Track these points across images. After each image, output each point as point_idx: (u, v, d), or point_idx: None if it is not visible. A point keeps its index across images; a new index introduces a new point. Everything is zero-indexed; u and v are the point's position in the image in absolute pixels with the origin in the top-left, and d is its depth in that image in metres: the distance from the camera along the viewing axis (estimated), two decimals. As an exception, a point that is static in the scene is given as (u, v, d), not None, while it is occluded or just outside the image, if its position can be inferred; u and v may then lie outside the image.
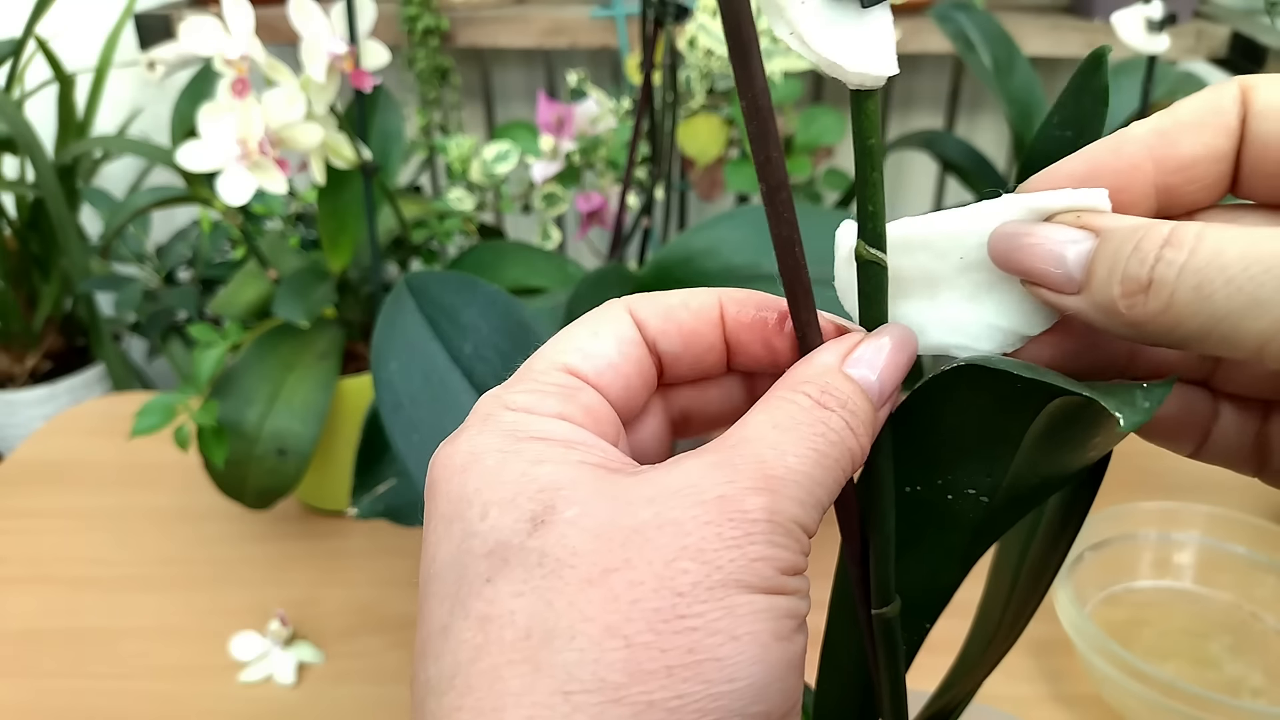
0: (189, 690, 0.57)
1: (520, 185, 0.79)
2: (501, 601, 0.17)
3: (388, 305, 0.39)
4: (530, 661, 0.17)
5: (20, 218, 1.30)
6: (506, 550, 0.18)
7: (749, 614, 0.17)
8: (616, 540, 0.17)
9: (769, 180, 0.20)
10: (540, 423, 0.20)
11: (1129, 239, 0.18)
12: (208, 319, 0.89)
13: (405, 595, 0.64)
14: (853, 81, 0.19)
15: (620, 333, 0.22)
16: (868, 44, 0.19)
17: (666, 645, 0.17)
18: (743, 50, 0.18)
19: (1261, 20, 1.16)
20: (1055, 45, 1.18)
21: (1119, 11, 0.66)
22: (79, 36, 1.35)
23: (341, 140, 0.59)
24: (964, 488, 0.23)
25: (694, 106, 1.04)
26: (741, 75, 0.18)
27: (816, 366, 0.20)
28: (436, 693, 0.18)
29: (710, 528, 0.17)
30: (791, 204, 0.20)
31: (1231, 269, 0.17)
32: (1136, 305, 0.18)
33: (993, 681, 0.29)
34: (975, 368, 0.20)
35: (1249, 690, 0.54)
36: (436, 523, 0.19)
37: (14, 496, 0.75)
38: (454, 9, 1.25)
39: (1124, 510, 0.60)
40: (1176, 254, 0.17)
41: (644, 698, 0.16)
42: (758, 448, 0.19)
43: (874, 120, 0.20)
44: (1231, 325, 0.17)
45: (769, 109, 0.19)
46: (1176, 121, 0.20)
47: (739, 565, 0.17)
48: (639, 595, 0.17)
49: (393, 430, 0.36)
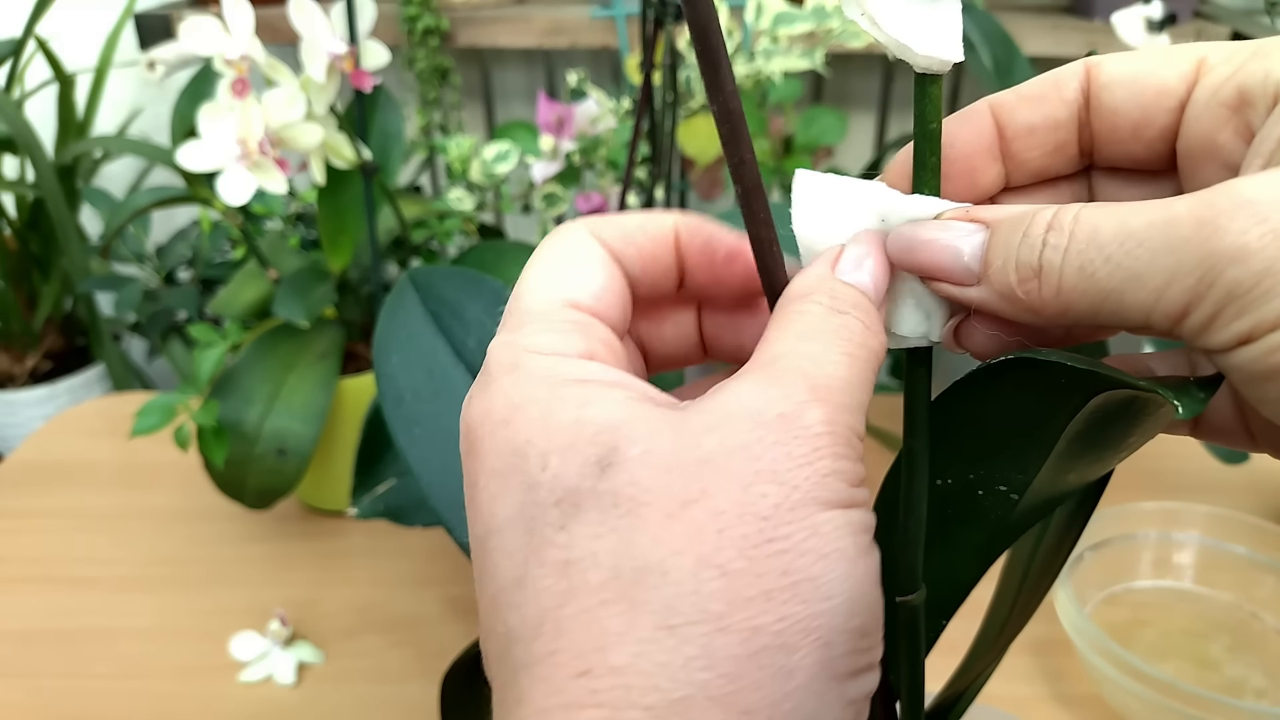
0: (189, 690, 0.57)
1: (520, 185, 0.79)
2: (580, 545, 0.17)
3: (390, 299, 0.39)
4: (625, 599, 0.17)
5: (20, 218, 1.30)
6: (577, 496, 0.18)
7: (832, 531, 0.17)
8: (688, 473, 0.17)
9: (744, 182, 0.20)
10: (573, 365, 0.20)
11: (1017, 227, 0.19)
12: (208, 319, 0.89)
13: (405, 595, 0.64)
14: (920, 64, 0.20)
15: (597, 256, 0.22)
16: (937, 28, 0.20)
17: (761, 570, 0.17)
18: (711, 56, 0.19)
19: (1261, 20, 1.16)
20: (1055, 45, 1.18)
21: (1119, 11, 0.66)
22: (79, 36, 1.35)
23: (341, 140, 0.59)
24: (996, 484, 0.23)
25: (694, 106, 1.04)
26: (710, 80, 0.19)
27: (813, 278, 0.21)
28: (523, 640, 0.18)
29: (779, 448, 0.17)
30: (767, 205, 0.20)
31: (1109, 247, 0.18)
32: (1032, 291, 0.19)
33: (993, 681, 0.29)
34: (1023, 361, 0.20)
35: (1249, 691, 0.54)
36: (487, 479, 0.19)
37: (14, 496, 0.75)
38: (454, 9, 1.25)
39: (1124, 510, 0.60)
40: (1059, 238, 0.18)
41: (748, 624, 0.17)
42: (795, 360, 0.19)
43: (937, 104, 0.21)
44: (1117, 300, 0.18)
45: (740, 112, 0.19)
46: (1018, 95, 0.22)
47: (813, 482, 0.17)
48: (724, 524, 0.17)
49: (394, 425, 0.36)
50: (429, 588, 0.64)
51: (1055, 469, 0.22)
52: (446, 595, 0.64)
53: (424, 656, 0.59)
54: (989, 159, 0.23)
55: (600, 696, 0.16)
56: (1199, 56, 0.21)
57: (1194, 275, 0.17)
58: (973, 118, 0.22)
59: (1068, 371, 0.19)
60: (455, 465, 0.35)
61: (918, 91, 0.20)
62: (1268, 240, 0.16)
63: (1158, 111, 0.21)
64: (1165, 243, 0.17)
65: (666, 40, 0.66)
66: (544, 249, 0.22)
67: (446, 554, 0.67)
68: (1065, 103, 0.22)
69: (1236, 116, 0.20)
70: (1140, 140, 0.21)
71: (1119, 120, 0.21)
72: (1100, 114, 0.22)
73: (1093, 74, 0.22)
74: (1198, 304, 0.17)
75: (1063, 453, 0.21)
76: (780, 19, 0.78)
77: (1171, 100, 0.21)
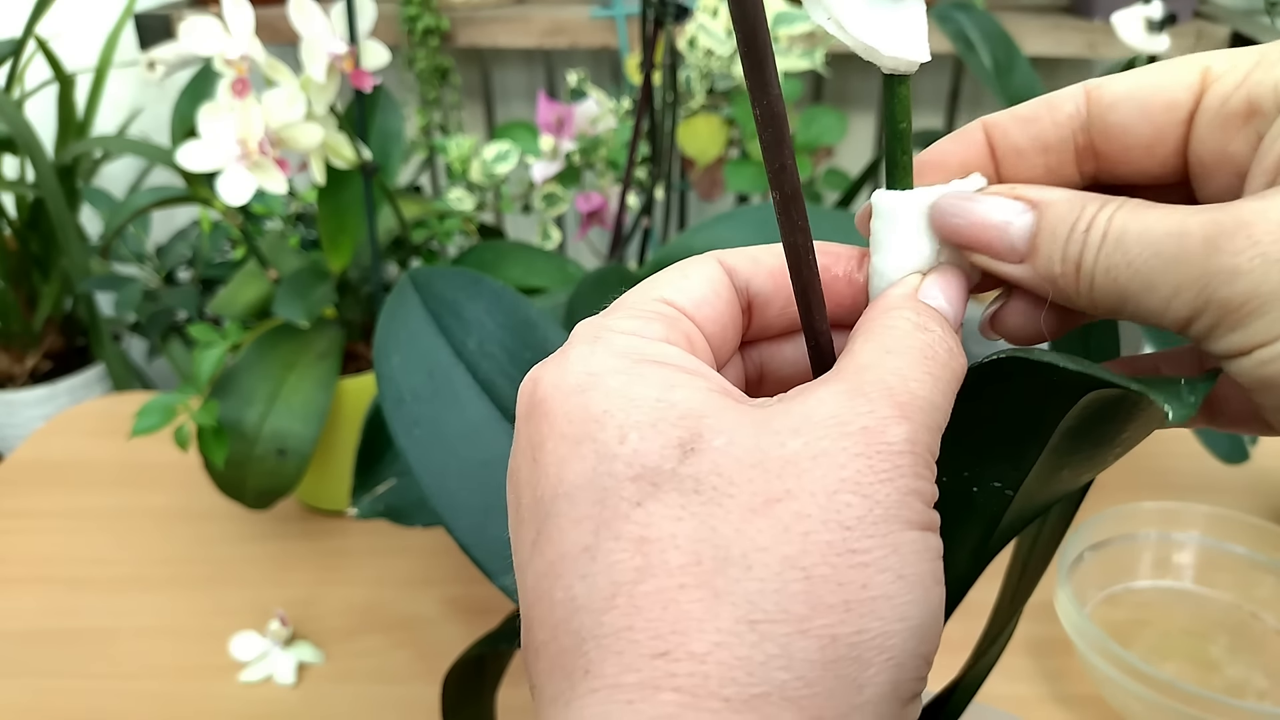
0: (189, 690, 0.57)
1: (520, 185, 0.79)
2: (659, 525, 0.17)
3: (391, 300, 0.39)
4: (707, 587, 0.17)
5: (20, 218, 1.30)
6: (657, 475, 0.18)
7: (913, 553, 0.17)
8: (771, 471, 0.17)
9: (782, 188, 0.20)
10: (654, 346, 0.20)
11: (1066, 218, 0.20)
12: (208, 319, 0.89)
13: (405, 595, 0.64)
14: (887, 66, 0.20)
15: (710, 274, 0.22)
16: (902, 30, 0.20)
17: (843, 579, 0.17)
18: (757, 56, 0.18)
19: (1261, 20, 1.16)
20: (1055, 45, 1.18)
21: (1119, 11, 0.66)
22: (79, 36, 1.35)
23: (341, 140, 0.59)
24: (990, 480, 0.23)
25: (694, 106, 1.04)
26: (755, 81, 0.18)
27: (898, 297, 0.21)
28: (591, 610, 0.17)
29: (861, 460, 0.17)
30: (805, 212, 0.20)
31: (1131, 252, 0.19)
32: (1070, 283, 0.20)
33: (993, 681, 0.29)
34: (1016, 360, 0.20)
35: (1250, 691, 0.54)
36: (557, 443, 0.19)
37: (14, 496, 0.75)
38: (454, 9, 1.25)
39: (1124, 510, 0.60)
40: (1095, 237, 0.20)
41: (827, 631, 0.17)
42: (880, 374, 0.19)
43: (905, 104, 0.21)
44: (1135, 301, 0.19)
45: (783, 116, 0.19)
46: (1013, 115, 0.22)
47: (894, 500, 0.17)
48: (809, 528, 0.17)
49: (394, 425, 0.36)
50: (429, 588, 0.65)
51: (1049, 465, 0.22)
52: (446, 595, 0.64)
53: (424, 656, 0.59)
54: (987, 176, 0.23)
55: (678, 681, 0.16)
56: (1202, 66, 0.21)
57: (1194, 289, 0.18)
58: (966, 138, 0.23)
59: (1060, 372, 0.19)
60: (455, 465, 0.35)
61: (886, 92, 0.21)
62: (1257, 263, 0.17)
63: (1169, 125, 0.21)
64: (1176, 255, 0.18)
65: (666, 40, 0.66)
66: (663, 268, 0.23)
67: (446, 554, 0.67)
68: (1056, 125, 0.22)
69: (1248, 126, 0.20)
70: (1154, 157, 0.22)
71: (1130, 139, 0.21)
72: (1108, 135, 0.22)
73: (1094, 96, 0.22)
74: (1199, 316, 0.18)
75: (1056, 448, 0.21)
76: (780, 19, 0.78)
77: (1181, 113, 0.21)
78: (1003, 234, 0.21)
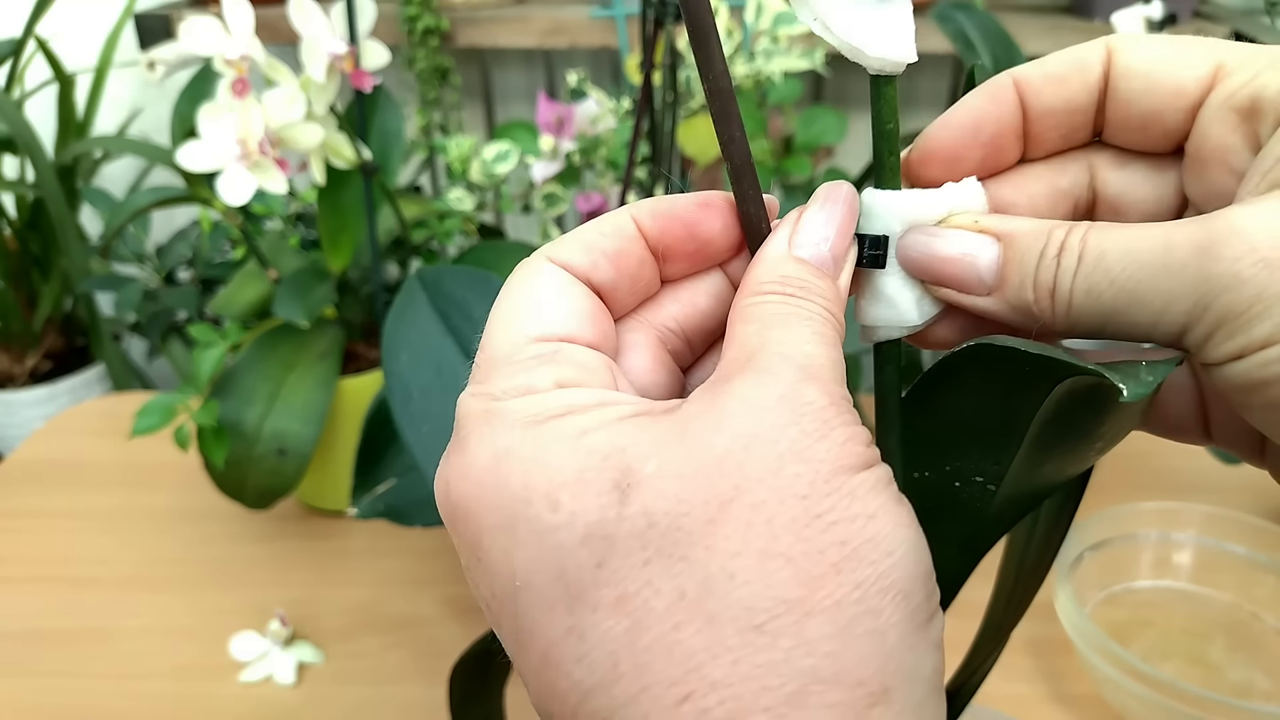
0: (189, 690, 0.57)
1: (520, 185, 0.79)
2: (630, 577, 0.17)
3: (399, 299, 0.39)
4: (701, 616, 0.17)
5: (20, 218, 1.30)
6: (604, 528, 0.17)
7: (868, 491, 0.18)
8: (712, 474, 0.17)
9: (733, 159, 0.20)
10: (551, 399, 0.19)
11: (1034, 246, 0.20)
12: (208, 319, 0.89)
13: (405, 595, 0.64)
14: (873, 66, 0.20)
15: (558, 282, 0.21)
16: (888, 30, 0.20)
17: (820, 546, 0.17)
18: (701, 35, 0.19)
19: (1261, 20, 1.16)
20: (1055, 45, 1.17)
21: (1119, 11, 0.66)
22: (79, 36, 1.35)
23: (341, 140, 0.59)
24: (972, 475, 0.23)
25: (694, 106, 1.04)
26: (701, 58, 0.19)
27: (768, 261, 0.21)
28: (601, 688, 0.17)
29: (791, 428, 0.18)
30: (757, 182, 0.21)
31: (1114, 271, 0.19)
32: (1045, 309, 0.20)
33: (993, 681, 0.29)
34: (984, 349, 0.20)
35: (1249, 690, 0.54)
36: (492, 536, 0.18)
37: (14, 496, 0.75)
38: (454, 9, 1.25)
39: (1124, 510, 0.60)
40: (1070, 260, 0.20)
41: (828, 600, 0.17)
42: (773, 348, 0.19)
43: (892, 105, 0.21)
44: (1120, 318, 0.19)
45: (729, 90, 0.20)
46: (1044, 74, 0.22)
47: (834, 452, 0.18)
48: (770, 513, 0.17)
49: (402, 422, 0.36)
50: (429, 588, 0.65)
51: (1029, 459, 0.22)
52: (446, 595, 0.64)
53: (423, 656, 0.59)
54: (1014, 139, 0.23)
55: (713, 714, 0.16)
56: (1217, 61, 0.21)
57: (1190, 299, 0.18)
58: (1001, 97, 0.22)
59: (1026, 358, 0.19)
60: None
61: (873, 92, 0.21)
62: (1258, 269, 0.18)
63: (1170, 111, 0.21)
64: (1165, 267, 0.18)
65: (666, 40, 0.66)
66: (503, 291, 0.21)
67: (446, 554, 0.67)
68: (1087, 86, 0.22)
69: (1246, 124, 0.20)
70: (1147, 133, 0.22)
71: (1131, 111, 0.22)
72: (1114, 100, 0.22)
73: (1114, 57, 0.22)
74: (1194, 324, 0.18)
75: (1035, 441, 0.22)
76: (780, 19, 0.78)
77: (1185, 102, 0.21)
78: (970, 268, 0.21)
